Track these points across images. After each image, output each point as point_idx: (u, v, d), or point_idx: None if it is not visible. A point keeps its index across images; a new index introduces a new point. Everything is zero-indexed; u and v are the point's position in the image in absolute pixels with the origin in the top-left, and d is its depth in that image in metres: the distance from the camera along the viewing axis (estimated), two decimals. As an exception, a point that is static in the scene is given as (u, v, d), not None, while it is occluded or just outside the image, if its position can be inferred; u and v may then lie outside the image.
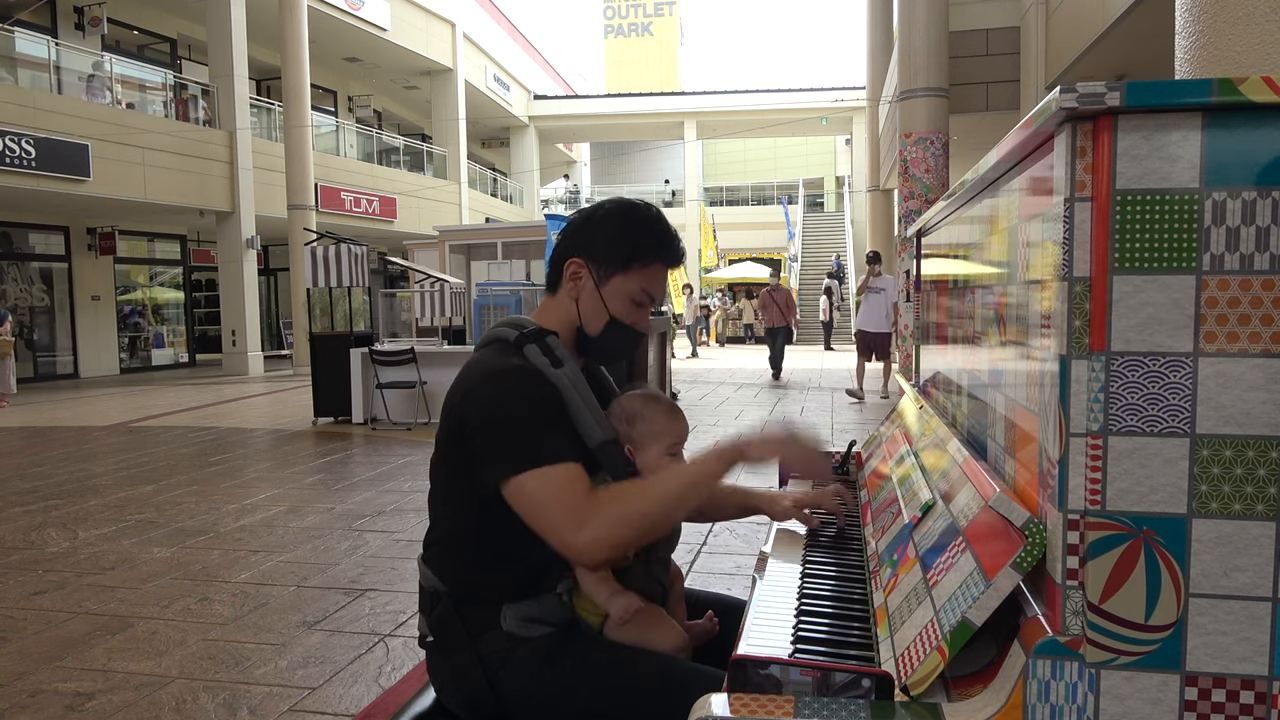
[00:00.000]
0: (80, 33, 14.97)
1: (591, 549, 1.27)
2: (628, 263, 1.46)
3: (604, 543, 1.27)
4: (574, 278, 1.48)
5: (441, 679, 1.42)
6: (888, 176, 15.46)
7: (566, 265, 1.48)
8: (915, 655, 0.97)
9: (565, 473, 1.30)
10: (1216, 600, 0.87)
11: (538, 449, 1.30)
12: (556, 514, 1.28)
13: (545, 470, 1.29)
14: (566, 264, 1.48)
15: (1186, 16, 2.90)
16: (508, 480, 1.30)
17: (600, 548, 1.27)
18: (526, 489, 1.29)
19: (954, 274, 1.68)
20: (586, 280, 1.47)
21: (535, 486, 1.29)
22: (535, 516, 1.30)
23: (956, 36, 9.31)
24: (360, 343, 9.07)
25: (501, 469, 1.31)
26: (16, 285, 14.91)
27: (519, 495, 1.30)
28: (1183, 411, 0.87)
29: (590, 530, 1.26)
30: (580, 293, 1.48)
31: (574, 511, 1.27)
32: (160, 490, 5.71)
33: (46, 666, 2.89)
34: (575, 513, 1.27)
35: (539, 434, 1.32)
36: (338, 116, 21.78)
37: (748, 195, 36.77)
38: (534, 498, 1.29)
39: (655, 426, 1.46)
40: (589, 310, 1.48)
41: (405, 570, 3.87)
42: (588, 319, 1.48)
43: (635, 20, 43.60)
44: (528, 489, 1.29)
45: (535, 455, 1.30)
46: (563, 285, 1.49)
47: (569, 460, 1.31)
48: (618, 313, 1.48)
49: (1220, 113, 0.84)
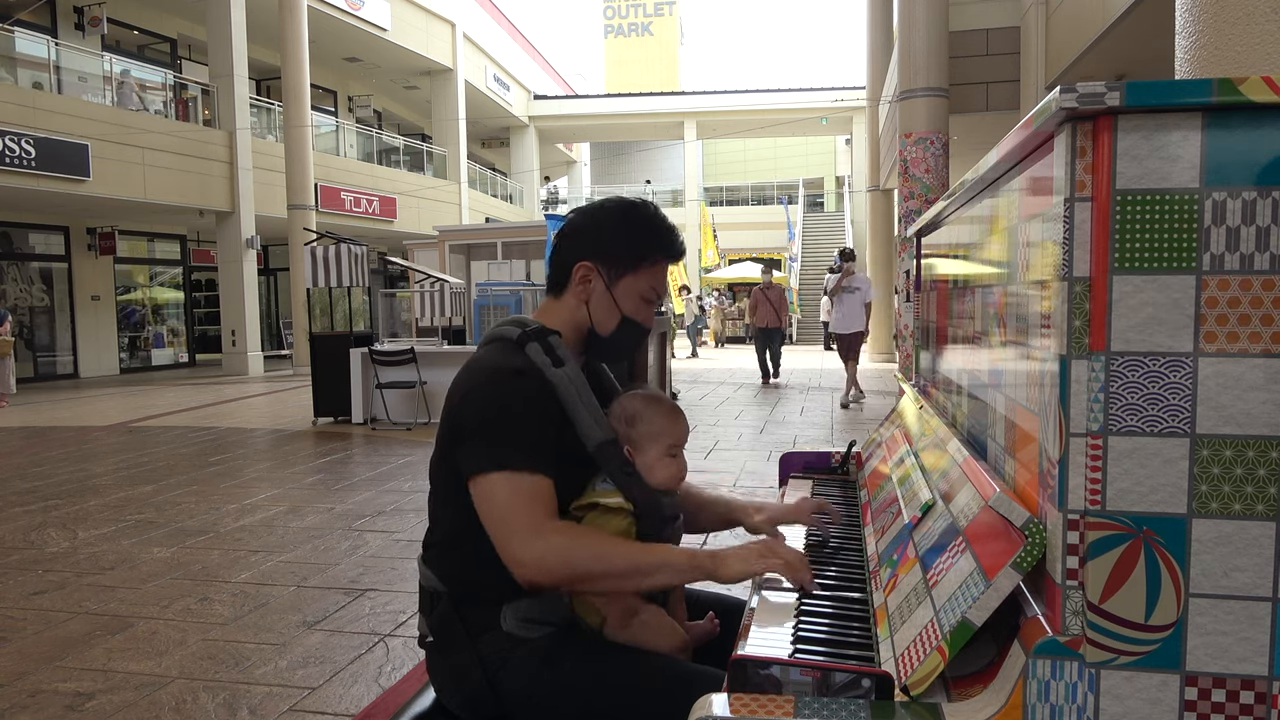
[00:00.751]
0: (80, 33, 14.98)
1: (532, 566, 1.27)
2: (638, 263, 1.48)
3: (544, 568, 1.27)
4: (584, 281, 1.48)
5: (441, 679, 1.42)
6: (888, 176, 15.46)
7: (576, 269, 1.48)
8: (915, 655, 0.97)
9: (534, 485, 1.31)
10: (1216, 600, 0.87)
11: (516, 453, 1.31)
12: (512, 522, 1.28)
13: (517, 475, 1.30)
14: (575, 268, 1.48)
15: (1186, 16, 2.90)
16: (477, 475, 1.32)
17: (540, 570, 1.27)
18: (492, 489, 1.30)
19: (954, 274, 1.68)
20: (597, 282, 1.48)
21: (501, 489, 1.30)
22: (491, 518, 1.30)
23: (956, 36, 9.31)
24: (360, 343, 9.08)
25: (476, 462, 1.32)
26: (16, 285, 14.91)
27: (484, 493, 1.31)
28: (1183, 411, 0.87)
29: (537, 549, 1.27)
30: (591, 295, 1.48)
31: (529, 526, 1.28)
32: (160, 490, 5.71)
33: (46, 666, 2.89)
34: (530, 528, 1.28)
35: (523, 439, 1.32)
36: (338, 116, 21.78)
37: (748, 195, 36.76)
38: (496, 499, 1.30)
39: (654, 428, 1.46)
40: (601, 312, 1.49)
41: (405, 570, 3.87)
42: (600, 320, 1.49)
43: (635, 20, 43.61)
44: (493, 489, 1.30)
45: (511, 459, 1.30)
46: (570, 288, 1.49)
47: (543, 474, 1.32)
48: (630, 312, 1.49)
49: (1220, 113, 0.84)
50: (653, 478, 1.44)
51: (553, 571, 1.28)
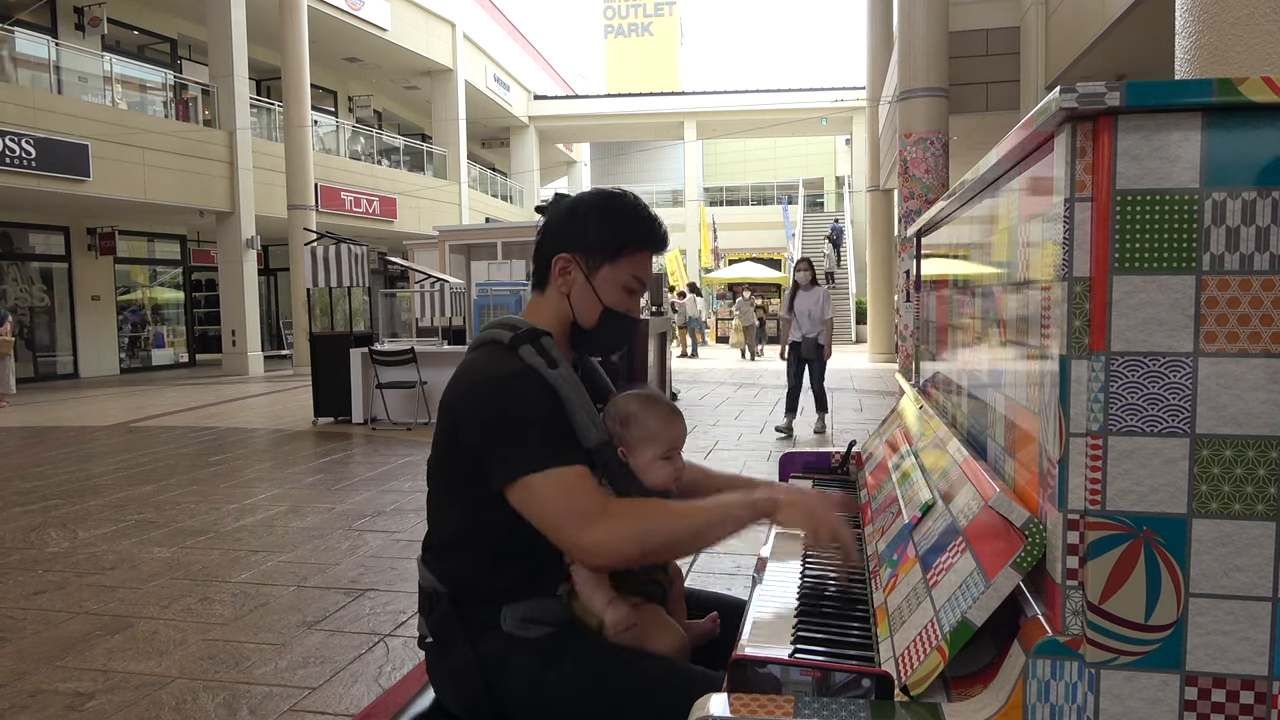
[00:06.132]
0: (80, 33, 14.98)
1: (596, 550, 1.28)
2: (617, 253, 1.47)
3: (609, 548, 1.28)
4: (563, 273, 1.48)
5: (441, 680, 1.42)
6: (887, 176, 15.45)
7: (555, 261, 1.48)
8: (915, 655, 0.97)
9: (575, 474, 1.31)
10: (1216, 600, 0.87)
11: (548, 451, 1.31)
12: (565, 514, 1.29)
13: (557, 471, 1.30)
14: (554, 260, 1.48)
15: (1186, 16, 2.90)
16: (515, 481, 1.31)
17: (605, 552, 1.28)
18: (536, 490, 1.30)
19: (954, 274, 1.68)
20: (576, 274, 1.47)
21: (545, 487, 1.30)
22: (543, 516, 1.30)
23: (956, 36, 9.30)
24: (360, 343, 9.07)
25: (510, 470, 1.31)
26: (16, 285, 14.90)
27: (527, 496, 1.30)
28: (1183, 411, 0.87)
29: (598, 532, 1.27)
30: (571, 287, 1.48)
31: (584, 512, 1.28)
32: (160, 490, 5.71)
33: (46, 666, 2.89)
34: (585, 513, 1.28)
35: (548, 436, 1.33)
36: (338, 116, 21.78)
37: (748, 195, 36.77)
38: (543, 497, 1.30)
39: (649, 430, 1.44)
40: (582, 303, 1.48)
41: (405, 570, 3.87)
42: (581, 312, 1.49)
43: (635, 20, 43.62)
44: (537, 490, 1.30)
45: (545, 457, 1.30)
46: (551, 282, 1.49)
47: (578, 462, 1.33)
48: (611, 302, 1.48)
49: (1220, 113, 0.84)
50: (646, 480, 1.43)
51: (623, 551, 1.29)
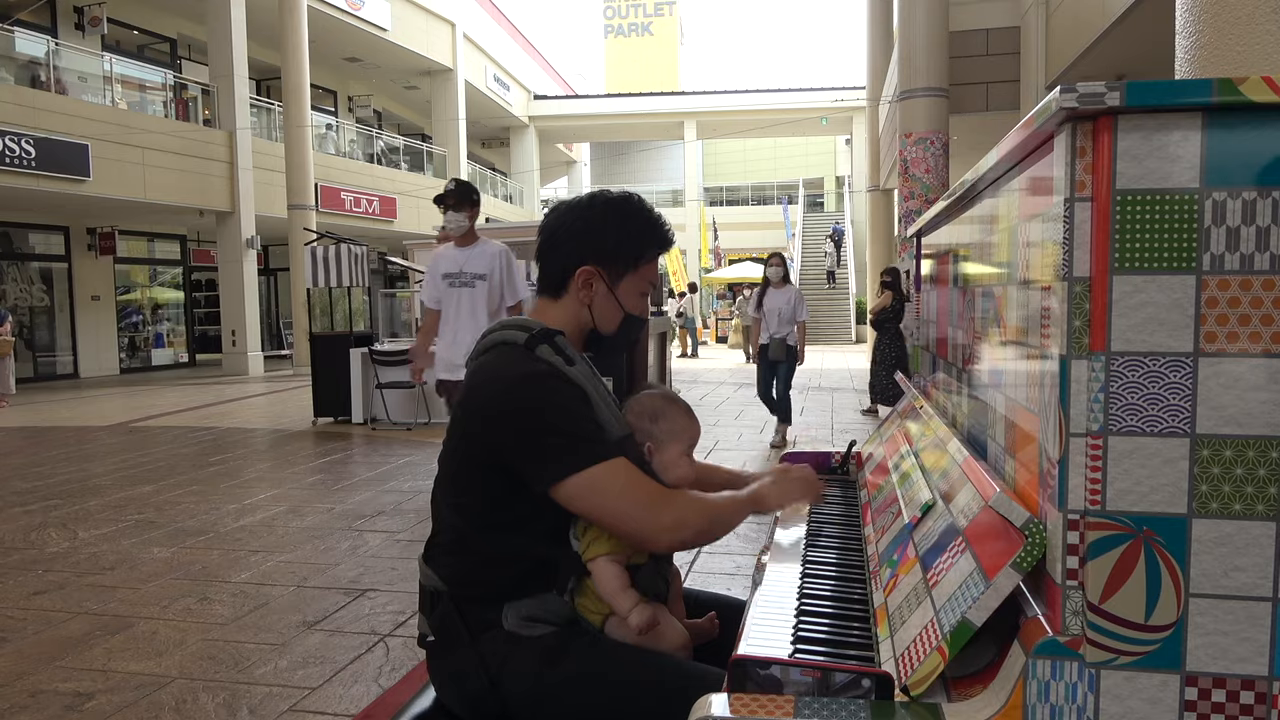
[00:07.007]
0: (80, 33, 14.98)
1: (676, 527, 1.33)
2: (638, 261, 1.50)
3: (688, 525, 1.34)
4: (586, 285, 1.48)
5: (442, 678, 1.42)
6: (888, 176, 15.45)
7: (578, 274, 1.47)
8: (915, 655, 0.97)
9: (626, 463, 1.34)
10: (1216, 600, 0.87)
11: (598, 444, 1.33)
12: (635, 500, 1.31)
13: (612, 463, 1.32)
14: (578, 273, 1.47)
15: (1186, 16, 2.90)
16: (568, 478, 1.30)
17: (684, 528, 1.34)
18: (599, 482, 1.30)
19: (954, 274, 1.68)
20: (599, 286, 1.48)
21: (607, 478, 1.31)
22: (607, 508, 1.31)
23: (956, 36, 9.30)
24: (360, 343, 9.07)
25: (562, 467, 1.31)
26: (16, 285, 14.90)
27: (587, 490, 1.30)
28: (1183, 411, 0.87)
29: (674, 512, 1.33)
30: (594, 298, 1.49)
31: (654, 494, 1.33)
32: (160, 490, 5.71)
33: (46, 666, 2.89)
34: (656, 495, 1.33)
35: (592, 431, 1.34)
36: (338, 116, 21.77)
37: (748, 195, 36.76)
38: (607, 489, 1.31)
39: (677, 425, 1.51)
40: (605, 313, 1.50)
41: (405, 570, 3.87)
42: (603, 321, 1.51)
43: (635, 20, 43.59)
44: (600, 482, 1.30)
45: (597, 451, 1.32)
46: (571, 292, 1.49)
47: (619, 454, 1.35)
48: (631, 309, 1.52)
49: (1220, 113, 0.84)
50: (668, 475, 1.46)
51: (695, 525, 1.35)
